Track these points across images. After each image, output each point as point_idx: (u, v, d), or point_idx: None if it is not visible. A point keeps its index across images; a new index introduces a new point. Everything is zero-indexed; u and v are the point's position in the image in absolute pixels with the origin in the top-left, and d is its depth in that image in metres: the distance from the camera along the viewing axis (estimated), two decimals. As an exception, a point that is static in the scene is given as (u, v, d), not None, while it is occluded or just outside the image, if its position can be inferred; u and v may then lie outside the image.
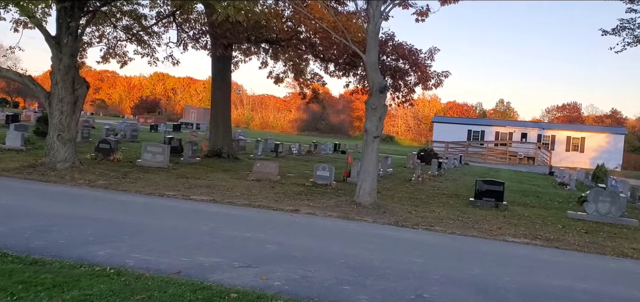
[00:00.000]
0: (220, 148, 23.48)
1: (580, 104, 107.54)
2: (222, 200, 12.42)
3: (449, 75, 21.98)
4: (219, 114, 24.15)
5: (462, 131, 57.14)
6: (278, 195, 14.06)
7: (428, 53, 22.35)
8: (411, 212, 12.89)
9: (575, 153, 54.32)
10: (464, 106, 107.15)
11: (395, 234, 9.84)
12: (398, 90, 23.21)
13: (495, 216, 13.89)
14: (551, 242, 10.81)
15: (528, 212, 15.51)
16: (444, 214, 13.38)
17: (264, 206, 12.00)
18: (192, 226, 8.79)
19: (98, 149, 19.55)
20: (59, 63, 14.69)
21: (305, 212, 11.70)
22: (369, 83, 12.86)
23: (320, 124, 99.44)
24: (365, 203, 12.66)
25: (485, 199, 16.01)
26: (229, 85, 24.77)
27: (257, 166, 18.26)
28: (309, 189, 16.15)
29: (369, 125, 12.74)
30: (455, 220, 12.52)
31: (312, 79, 28.60)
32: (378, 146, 12.96)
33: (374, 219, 11.55)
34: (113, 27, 26.30)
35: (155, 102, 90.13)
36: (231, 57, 24.90)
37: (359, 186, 12.94)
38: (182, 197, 12.45)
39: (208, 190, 13.96)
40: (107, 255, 6.61)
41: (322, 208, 12.36)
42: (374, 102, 12.56)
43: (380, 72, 12.87)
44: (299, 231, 9.19)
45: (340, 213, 11.84)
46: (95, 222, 8.47)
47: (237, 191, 14.26)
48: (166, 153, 19.03)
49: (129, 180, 14.45)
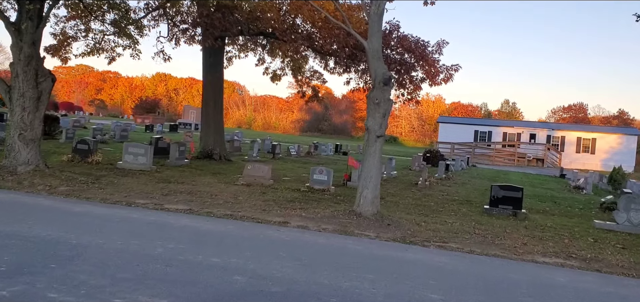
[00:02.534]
0: (211, 149, 21.72)
1: (587, 104, 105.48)
2: (199, 210, 10.65)
3: (459, 68, 20.16)
4: (210, 112, 22.36)
5: (469, 132, 55.21)
6: (267, 203, 12.29)
7: (436, 46, 20.53)
8: (420, 225, 11.09)
9: (586, 154, 52.36)
10: (468, 107, 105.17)
11: (402, 256, 8.03)
12: (403, 86, 21.38)
13: (515, 227, 12.11)
14: (589, 263, 9.01)
15: (550, 221, 13.73)
16: (458, 225, 11.59)
17: (247, 218, 10.22)
18: (145, 247, 7.01)
19: (76, 150, 17.85)
20: (19, 53, 12.92)
21: (296, 225, 9.92)
22: (372, 74, 11.06)
23: (322, 125, 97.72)
24: (366, 214, 10.87)
25: (502, 207, 14.25)
26: (221, 81, 22.95)
27: (248, 168, 16.49)
28: (304, 195, 14.40)
29: (371, 123, 10.95)
30: (471, 233, 10.73)
31: (311, 77, 26.90)
32: (382, 147, 11.17)
33: (377, 233, 9.76)
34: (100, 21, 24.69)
35: (155, 102, 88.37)
36: (223, 51, 23.13)
37: (359, 193, 11.14)
38: (153, 206, 10.69)
39: (188, 197, 12.20)
40: (12, 295, 4.85)
41: (317, 219, 10.58)
42: (377, 96, 10.76)
43: (393, 76, 11.06)
44: (283, 253, 7.39)
45: (337, 226, 10.05)
46: (23, 242, 6.69)
47: (221, 198, 12.50)
48: (149, 154, 17.29)
49: (98, 185, 12.70)
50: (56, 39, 24.19)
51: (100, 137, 27.24)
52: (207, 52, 22.18)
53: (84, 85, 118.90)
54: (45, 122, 27.51)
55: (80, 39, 24.77)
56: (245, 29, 20.21)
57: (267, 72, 25.71)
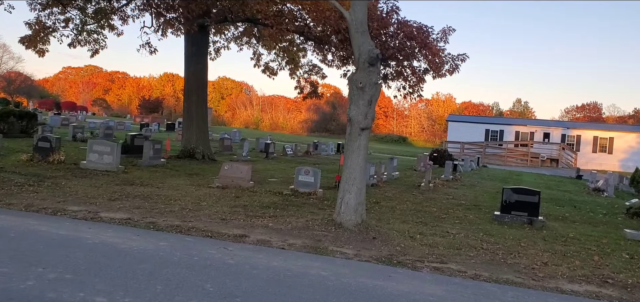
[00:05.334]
0: (193, 148, 19.70)
1: (601, 103, 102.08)
2: (141, 220, 8.63)
3: (466, 58, 18.02)
4: (192, 107, 20.32)
5: (479, 131, 52.77)
6: (234, 210, 10.26)
7: (441, 33, 18.40)
8: (415, 238, 8.98)
9: (602, 154, 49.77)
10: (479, 106, 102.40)
11: (382, 287, 5.93)
12: (404, 78, 19.25)
13: (531, 239, 10.03)
14: (632, 291, 6.89)
15: (572, 230, 11.62)
16: (462, 237, 9.49)
17: (197, 230, 8.18)
18: (13, 278, 4.97)
19: (37, 148, 15.96)
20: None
21: (256, 239, 7.88)
22: (355, 52, 8.97)
23: (330, 125, 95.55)
24: (348, 224, 8.80)
25: (515, 214, 12.19)
26: (204, 72, 20.89)
27: (225, 169, 14.47)
28: (285, 199, 12.39)
29: (354, 113, 8.87)
30: (478, 249, 8.63)
31: (310, 71, 24.90)
32: (368, 142, 9.08)
33: (357, 250, 7.68)
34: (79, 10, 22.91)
35: (158, 102, 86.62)
36: (207, 40, 21.13)
37: (340, 198, 9.07)
38: (84, 215, 8.68)
39: (138, 203, 10.20)
40: None
41: (284, 232, 8.53)
42: (361, 79, 8.68)
43: (380, 54, 8.93)
44: (211, 286, 5.30)
45: (308, 241, 7.99)
46: None
47: (179, 204, 10.49)
48: (115, 153, 15.34)
49: (34, 189, 10.74)
50: (31, 29, 22.45)
51: (80, 135, 25.37)
52: (189, 41, 20.19)
53: (92, 86, 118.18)
54: (22, 119, 25.86)
55: (59, 30, 23.07)
56: (227, 12, 18.19)
57: (259, 63, 23.75)
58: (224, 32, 23.35)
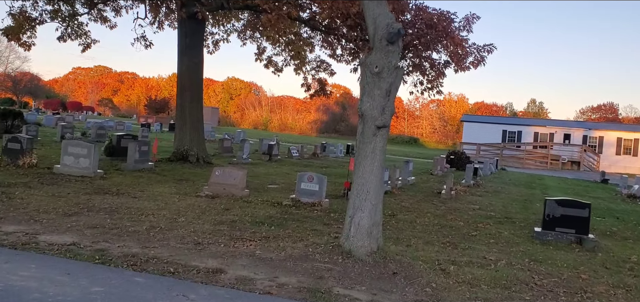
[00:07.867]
0: (186, 149, 17.69)
1: (617, 104, 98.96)
2: (89, 246, 6.59)
3: (493, 49, 15.84)
4: (185, 105, 18.28)
5: (496, 132, 50.29)
6: (217, 229, 8.21)
7: (464, 21, 16.25)
8: (447, 271, 6.85)
9: (627, 157, 47.12)
10: (493, 106, 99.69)
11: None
12: (422, 72, 17.11)
13: (589, 266, 7.96)
14: None
15: (631, 252, 9.52)
16: (504, 266, 7.39)
17: (158, 262, 6.11)
18: None
19: (6, 150, 14.06)
20: None
21: (235, 276, 5.81)
22: (369, 28, 6.87)
23: (340, 126, 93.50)
24: (359, 252, 6.71)
25: (561, 230, 10.13)
26: (200, 67, 18.83)
27: (216, 174, 12.42)
28: (285, 211, 10.38)
29: (368, 106, 6.78)
30: (530, 285, 6.53)
31: (318, 67, 22.84)
32: (385, 144, 6.98)
33: (373, 295, 5.60)
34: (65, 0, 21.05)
35: (165, 102, 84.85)
36: (203, 30, 19.11)
37: (349, 218, 6.97)
38: (18, 239, 6.67)
39: (102, 218, 8.20)
40: None
41: (275, 263, 6.46)
42: (377, 61, 6.59)
43: (402, 29, 6.76)
44: None
45: (305, 279, 5.91)
46: None
47: (151, 220, 8.46)
48: (92, 156, 13.39)
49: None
50: (14, 20, 20.62)
51: (69, 135, 23.53)
52: (182, 32, 18.19)
53: (101, 86, 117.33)
54: (6, 117, 24.04)
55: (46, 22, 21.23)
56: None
57: (261, 58, 21.69)
58: (222, 23, 21.34)
